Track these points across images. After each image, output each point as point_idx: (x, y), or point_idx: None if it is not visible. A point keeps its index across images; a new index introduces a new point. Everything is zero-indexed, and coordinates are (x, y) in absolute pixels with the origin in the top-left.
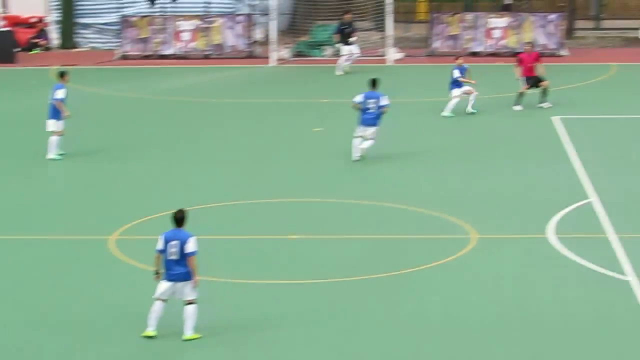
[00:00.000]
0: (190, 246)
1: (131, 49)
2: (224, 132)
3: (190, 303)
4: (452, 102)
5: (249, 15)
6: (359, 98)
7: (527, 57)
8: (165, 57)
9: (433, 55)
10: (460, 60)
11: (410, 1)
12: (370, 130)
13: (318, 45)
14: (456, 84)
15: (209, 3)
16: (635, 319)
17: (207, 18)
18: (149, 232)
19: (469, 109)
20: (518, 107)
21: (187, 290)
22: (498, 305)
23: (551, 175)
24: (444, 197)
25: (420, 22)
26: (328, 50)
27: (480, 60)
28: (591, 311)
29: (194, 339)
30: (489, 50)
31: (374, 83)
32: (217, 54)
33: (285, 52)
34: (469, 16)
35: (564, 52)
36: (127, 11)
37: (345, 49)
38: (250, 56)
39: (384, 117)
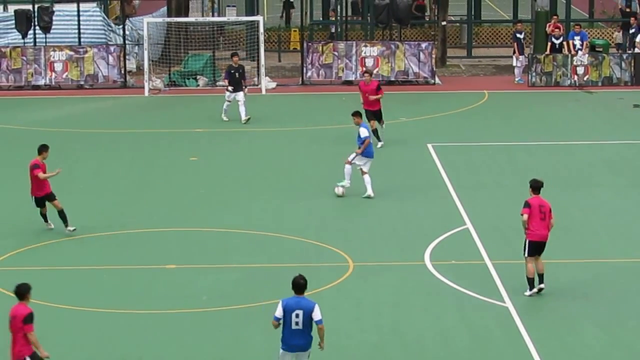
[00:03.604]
0: (317, 314)
1: (3, 80)
2: (99, 163)
3: None
4: None
5: (121, 46)
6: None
7: (364, 85)
8: (38, 87)
9: (306, 84)
10: None
11: (283, 30)
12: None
13: (191, 75)
14: None
15: (81, 33)
16: (513, 344)
17: (79, 48)
18: (28, 262)
19: None
20: (379, 144)
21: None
22: (377, 332)
23: (427, 202)
24: (320, 225)
25: (294, 51)
26: (202, 80)
27: (353, 89)
28: (470, 337)
29: None
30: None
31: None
32: (90, 85)
33: (159, 82)
34: (342, 45)
35: (436, 81)
36: None
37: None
38: (124, 86)
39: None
